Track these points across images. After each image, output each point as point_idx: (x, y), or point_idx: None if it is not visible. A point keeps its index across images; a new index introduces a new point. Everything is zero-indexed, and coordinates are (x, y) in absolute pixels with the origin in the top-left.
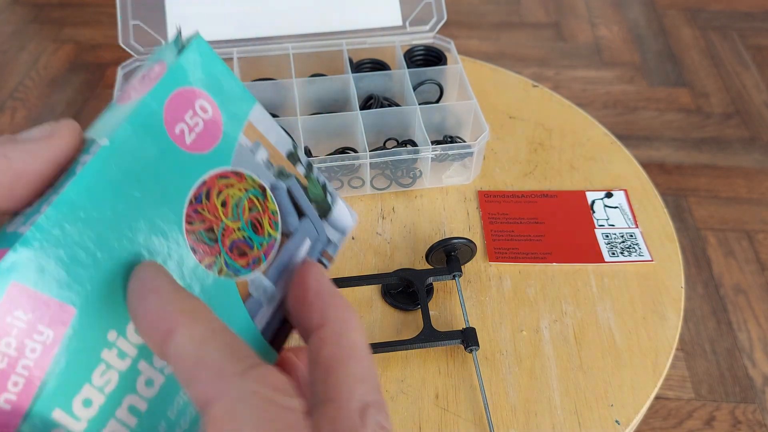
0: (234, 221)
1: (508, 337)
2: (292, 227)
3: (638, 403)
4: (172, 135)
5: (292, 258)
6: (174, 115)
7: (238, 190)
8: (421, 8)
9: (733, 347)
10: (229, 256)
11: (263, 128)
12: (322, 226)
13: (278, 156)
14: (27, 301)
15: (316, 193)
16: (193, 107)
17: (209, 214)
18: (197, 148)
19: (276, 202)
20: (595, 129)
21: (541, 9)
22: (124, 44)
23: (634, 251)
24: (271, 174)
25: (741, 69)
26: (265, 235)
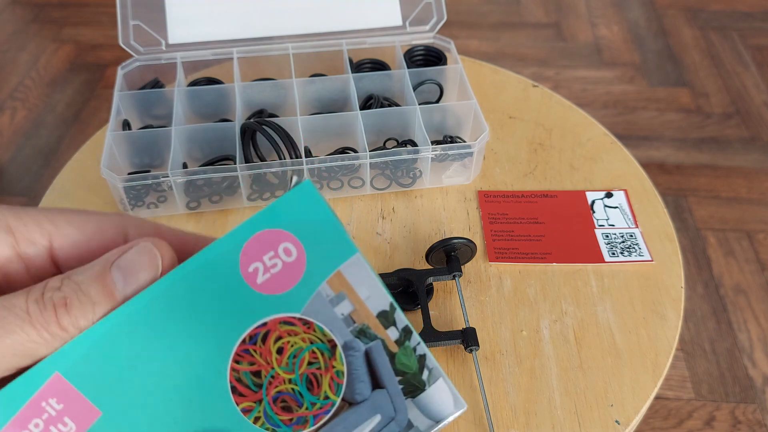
0: (287, 371)
1: (508, 337)
2: (359, 396)
3: (638, 403)
4: (245, 273)
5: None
6: (252, 254)
7: (302, 339)
8: (421, 8)
9: (733, 347)
10: (271, 407)
11: (354, 280)
12: (404, 405)
13: (365, 313)
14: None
15: (407, 365)
16: (276, 249)
17: (260, 357)
18: (268, 289)
19: (345, 363)
20: (595, 129)
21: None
22: (124, 44)
23: (634, 251)
24: (350, 331)
25: (741, 69)
26: (320, 396)
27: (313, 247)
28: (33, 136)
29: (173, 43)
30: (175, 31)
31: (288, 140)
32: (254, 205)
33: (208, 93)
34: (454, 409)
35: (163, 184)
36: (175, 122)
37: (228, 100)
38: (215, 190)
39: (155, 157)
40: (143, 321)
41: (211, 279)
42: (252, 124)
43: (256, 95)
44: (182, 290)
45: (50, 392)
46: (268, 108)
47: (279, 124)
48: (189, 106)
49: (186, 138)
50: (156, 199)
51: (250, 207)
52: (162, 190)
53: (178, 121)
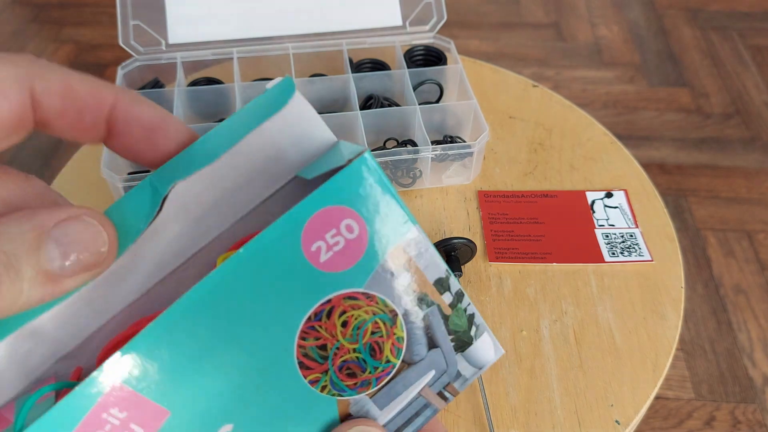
0: (351, 342)
1: (508, 337)
2: (417, 357)
3: (638, 403)
4: (307, 252)
5: (408, 387)
6: (314, 233)
7: (365, 312)
8: (421, 8)
9: (733, 347)
10: (337, 375)
11: (414, 252)
12: (455, 359)
13: (424, 282)
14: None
15: (459, 325)
16: (338, 226)
17: (326, 332)
18: (331, 267)
19: (405, 330)
20: (595, 129)
21: (541, 9)
22: (124, 44)
23: (634, 251)
24: (410, 300)
25: (741, 69)
26: (382, 361)
27: (374, 222)
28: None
29: (173, 43)
30: (175, 31)
31: None
32: None
33: (208, 93)
34: (494, 356)
35: None
36: None
37: (228, 100)
38: None
39: None
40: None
41: (273, 261)
42: None
43: (256, 95)
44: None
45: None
46: None
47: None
48: (189, 106)
49: None
50: None
51: None
52: None
53: None
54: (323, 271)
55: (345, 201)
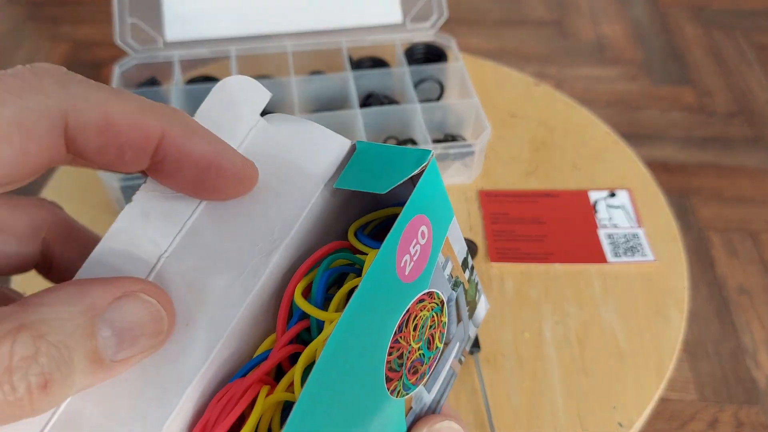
0: (417, 342)
1: (509, 339)
2: (452, 335)
3: (641, 405)
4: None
5: (445, 365)
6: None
7: (427, 310)
8: (422, 5)
9: (737, 348)
10: (407, 377)
11: (453, 240)
12: (469, 324)
13: (457, 266)
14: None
15: (472, 295)
16: (417, 236)
17: (404, 341)
18: (412, 277)
19: (447, 314)
20: (598, 128)
21: (543, 6)
22: (121, 42)
23: (638, 252)
24: (450, 286)
25: (745, 67)
26: (434, 349)
27: (435, 221)
28: None
29: (170, 41)
30: (172, 29)
31: None
32: None
33: (205, 91)
34: (484, 310)
35: None
36: None
37: None
38: None
39: None
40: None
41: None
42: None
43: None
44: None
45: None
46: (266, 106)
47: None
48: (186, 104)
49: None
50: None
51: None
52: None
53: None
54: (407, 283)
55: (421, 209)
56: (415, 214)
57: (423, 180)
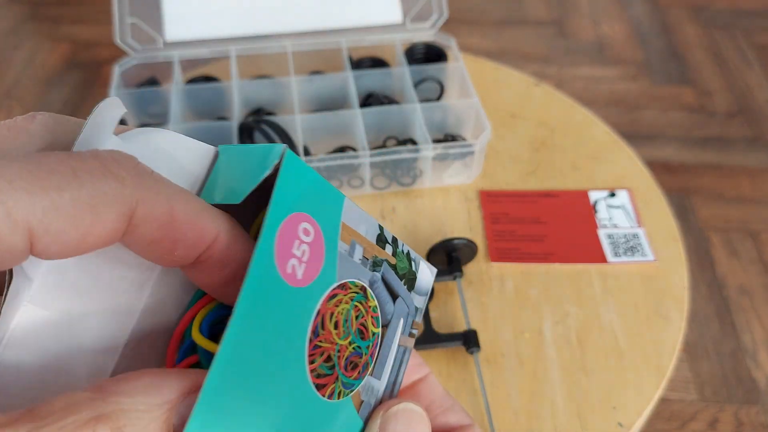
0: (345, 338)
1: (510, 339)
2: (389, 315)
3: (641, 405)
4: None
5: (391, 346)
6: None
7: (345, 303)
8: (422, 5)
9: (737, 348)
10: (345, 375)
11: (354, 223)
12: (411, 298)
13: (370, 246)
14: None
15: (404, 267)
16: (297, 236)
17: (326, 343)
18: (308, 279)
19: (375, 297)
20: (598, 127)
21: (543, 6)
22: (121, 42)
23: (638, 252)
24: (367, 269)
25: (745, 67)
26: (370, 337)
27: (319, 214)
28: None
29: (170, 41)
30: (172, 28)
31: (286, 139)
32: None
33: (205, 91)
34: (432, 276)
35: None
36: (172, 121)
37: (225, 98)
38: None
39: None
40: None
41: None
42: (250, 122)
43: (254, 93)
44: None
45: None
46: (266, 106)
47: (277, 122)
48: (186, 104)
49: None
50: None
51: None
52: None
53: (175, 120)
54: (304, 287)
55: (293, 208)
56: (286, 215)
57: (281, 178)
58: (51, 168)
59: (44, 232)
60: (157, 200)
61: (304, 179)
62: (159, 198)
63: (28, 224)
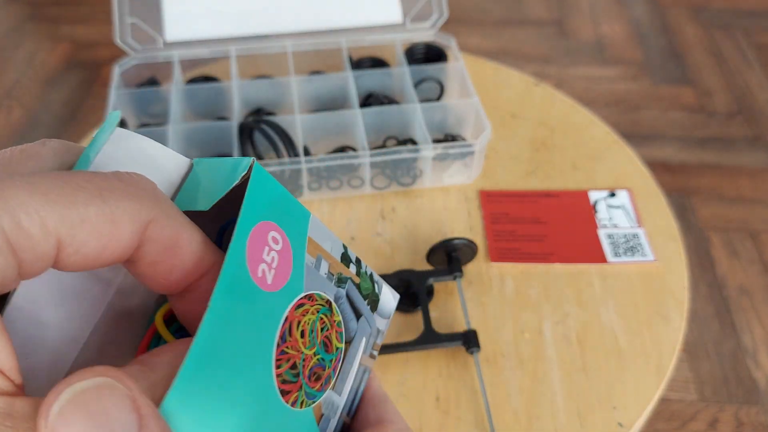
0: (311, 348)
1: (510, 338)
2: (353, 332)
3: (641, 405)
4: (256, 279)
5: (353, 363)
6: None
7: (311, 314)
8: (422, 5)
9: (737, 348)
10: (308, 385)
11: (319, 239)
12: (374, 319)
13: (335, 263)
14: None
15: (367, 288)
16: (267, 243)
17: (292, 350)
18: (277, 285)
19: (339, 312)
20: (598, 127)
21: (544, 6)
22: (121, 42)
23: (638, 252)
24: (333, 284)
25: (745, 67)
26: (333, 351)
27: (287, 225)
28: (29, 135)
29: (170, 41)
30: (172, 28)
31: (286, 139)
32: None
33: (205, 91)
34: (395, 301)
35: None
36: (172, 121)
37: (225, 98)
38: None
39: None
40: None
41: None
42: (250, 122)
43: (254, 93)
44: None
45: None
46: (266, 106)
47: (277, 122)
48: (186, 104)
49: (183, 137)
50: None
51: None
52: None
53: (175, 120)
54: (274, 292)
55: (262, 216)
56: (255, 222)
57: (250, 187)
58: (78, 185)
59: (70, 242)
60: (167, 223)
61: (272, 191)
62: (169, 222)
63: (58, 234)
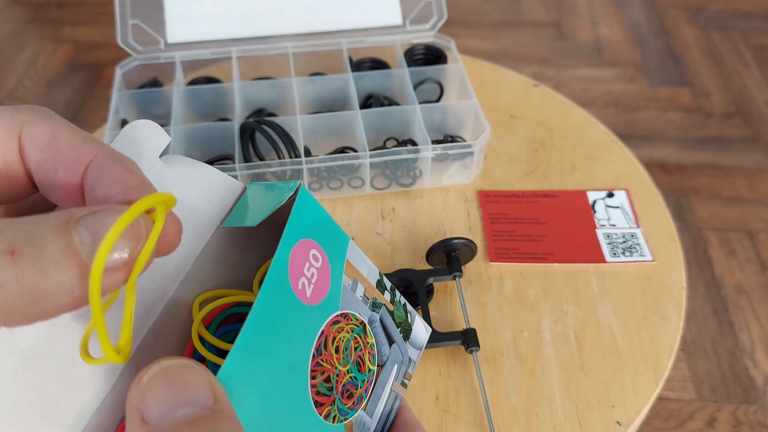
0: (344, 365)
1: (508, 338)
2: (385, 357)
3: (639, 404)
4: (297, 291)
5: (384, 387)
6: (296, 272)
7: (347, 332)
8: (422, 7)
9: (735, 347)
10: (341, 401)
11: (357, 263)
12: (406, 348)
13: (371, 288)
14: None
15: (400, 316)
16: (308, 259)
17: (327, 363)
18: (316, 299)
19: (373, 335)
20: (596, 128)
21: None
22: (123, 43)
23: (636, 251)
24: (368, 307)
25: (742, 68)
26: (366, 372)
27: (328, 246)
28: None
29: (172, 43)
30: (173, 30)
31: (287, 140)
32: None
33: (207, 92)
34: (426, 334)
35: None
36: (174, 122)
37: (227, 99)
38: None
39: None
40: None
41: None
42: (251, 123)
43: (255, 94)
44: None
45: None
46: (267, 107)
47: (278, 123)
48: (188, 105)
49: (185, 137)
50: None
51: None
52: None
53: (176, 121)
54: (312, 305)
55: (304, 234)
56: (298, 239)
57: (296, 207)
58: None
59: None
60: (43, 123)
61: (316, 213)
62: (43, 123)
63: None
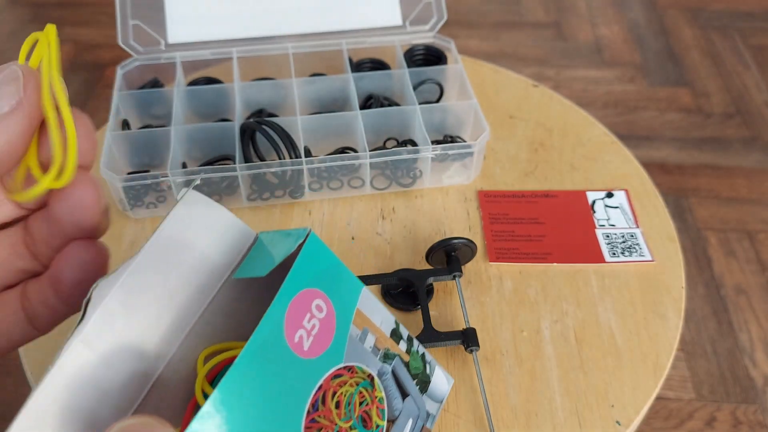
0: (346, 421)
1: (508, 337)
2: (397, 411)
3: (639, 403)
4: (292, 344)
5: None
6: (293, 323)
7: (350, 386)
8: (421, 8)
9: (734, 347)
10: None
11: (369, 311)
12: (423, 401)
13: (383, 338)
14: None
15: (417, 367)
16: (310, 309)
17: (325, 420)
18: (315, 353)
19: (382, 389)
20: (596, 129)
21: (542, 8)
22: (124, 44)
23: (635, 251)
24: (378, 359)
25: (742, 69)
26: (373, 427)
27: (335, 295)
28: None
29: (172, 43)
30: (174, 30)
31: (287, 140)
32: (254, 205)
33: (207, 93)
34: (448, 386)
35: (162, 184)
36: (175, 122)
37: (227, 99)
38: (214, 190)
39: (154, 157)
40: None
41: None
42: (251, 123)
43: (255, 95)
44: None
45: None
46: (267, 108)
47: (278, 123)
48: (188, 105)
49: (185, 138)
50: (155, 199)
51: (249, 207)
52: (161, 190)
53: (177, 121)
54: (310, 359)
55: (309, 283)
56: (301, 288)
57: (301, 256)
58: None
59: None
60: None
61: (325, 261)
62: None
63: None
